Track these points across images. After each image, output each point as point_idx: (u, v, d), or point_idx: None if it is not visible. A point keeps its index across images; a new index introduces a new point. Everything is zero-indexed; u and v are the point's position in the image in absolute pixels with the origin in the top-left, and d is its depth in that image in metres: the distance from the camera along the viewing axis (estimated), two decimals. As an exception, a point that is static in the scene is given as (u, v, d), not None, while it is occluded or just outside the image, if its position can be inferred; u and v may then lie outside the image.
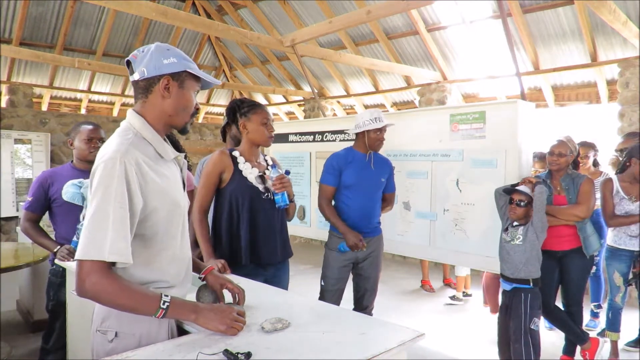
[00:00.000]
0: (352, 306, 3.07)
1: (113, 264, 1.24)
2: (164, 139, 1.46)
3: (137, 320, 1.34)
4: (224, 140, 2.89)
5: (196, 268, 1.66)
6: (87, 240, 1.21)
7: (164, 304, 1.29)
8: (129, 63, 1.41)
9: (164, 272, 1.41)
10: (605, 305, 3.54)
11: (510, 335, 2.71)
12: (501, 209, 2.82)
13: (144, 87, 1.39)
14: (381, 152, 3.11)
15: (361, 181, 2.91)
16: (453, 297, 4.86)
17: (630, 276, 3.25)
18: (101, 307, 1.38)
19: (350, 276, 3.06)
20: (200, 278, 1.65)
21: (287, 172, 2.41)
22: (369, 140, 2.91)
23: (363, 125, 2.89)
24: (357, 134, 2.95)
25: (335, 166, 2.93)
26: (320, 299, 2.95)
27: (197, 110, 1.51)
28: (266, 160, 2.45)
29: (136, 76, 1.37)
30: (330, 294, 2.95)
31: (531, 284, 2.65)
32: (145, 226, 1.33)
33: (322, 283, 3.02)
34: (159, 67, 1.36)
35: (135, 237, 1.31)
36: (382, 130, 2.89)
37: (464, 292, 4.93)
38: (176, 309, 1.32)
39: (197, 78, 1.45)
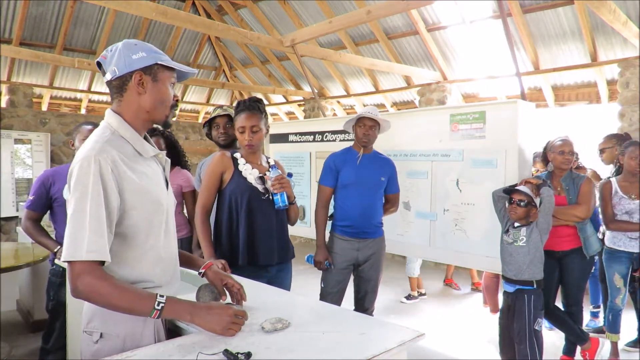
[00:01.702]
0: (353, 307, 3.06)
1: (103, 263, 1.24)
2: (146, 136, 1.45)
3: (121, 321, 1.33)
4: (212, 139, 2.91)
5: (196, 265, 1.66)
6: (69, 241, 1.21)
7: (158, 304, 1.27)
8: (99, 65, 1.39)
9: (149, 273, 1.39)
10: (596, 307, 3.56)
11: (513, 336, 2.71)
12: (500, 211, 2.81)
13: (118, 86, 1.37)
14: (382, 152, 3.11)
15: (359, 180, 2.90)
16: (409, 297, 4.96)
17: (634, 278, 3.25)
18: (88, 307, 1.37)
19: (351, 277, 3.05)
20: (200, 274, 1.64)
21: (290, 175, 2.41)
22: (355, 137, 2.94)
23: (350, 121, 2.92)
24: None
25: (332, 166, 2.94)
26: (320, 300, 2.95)
27: (176, 101, 1.49)
28: (268, 162, 2.44)
29: (108, 76, 1.36)
30: (330, 296, 2.93)
31: (534, 285, 2.65)
32: (126, 225, 1.32)
33: (322, 285, 3.01)
34: (129, 64, 1.34)
35: (118, 236, 1.30)
36: (365, 125, 2.86)
37: (418, 292, 5.04)
38: (172, 308, 1.30)
39: (171, 69, 1.42)
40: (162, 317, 1.30)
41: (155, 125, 2.03)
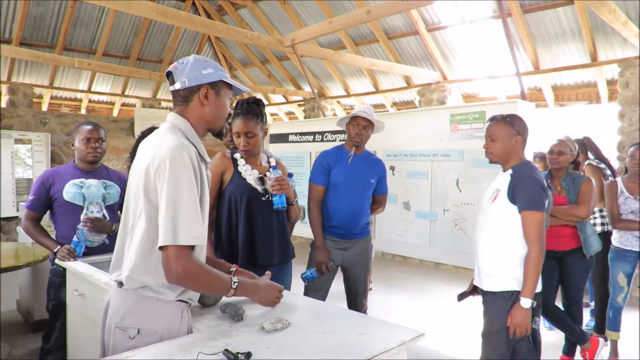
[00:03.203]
0: (346, 307, 3.03)
1: (192, 248, 1.33)
2: None
3: (159, 317, 1.38)
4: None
5: (223, 269, 1.72)
6: (171, 227, 1.28)
7: (234, 284, 1.45)
8: (169, 74, 1.50)
9: None
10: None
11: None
12: None
13: (184, 96, 1.49)
14: (382, 152, 3.10)
15: (349, 181, 2.85)
16: None
17: None
18: (121, 304, 1.40)
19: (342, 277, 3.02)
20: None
21: (290, 175, 2.40)
22: (348, 135, 2.88)
23: (344, 119, 2.88)
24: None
25: (324, 164, 2.88)
26: None
27: (229, 115, 1.58)
28: (269, 162, 2.44)
29: (177, 85, 1.48)
30: (314, 294, 2.78)
31: None
32: None
33: (305, 282, 2.92)
34: (199, 78, 1.47)
35: None
36: (358, 124, 2.80)
37: None
38: (241, 288, 1.49)
39: (229, 85, 1.56)
40: (235, 295, 1.47)
41: None
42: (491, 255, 2.26)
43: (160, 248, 1.30)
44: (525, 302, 2.10)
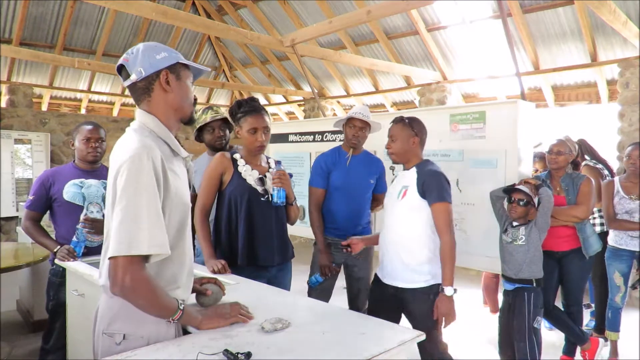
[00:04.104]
0: (347, 306, 3.03)
1: (146, 259, 1.25)
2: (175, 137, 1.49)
3: (146, 322, 1.34)
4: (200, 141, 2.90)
5: None
6: (125, 235, 1.20)
7: (177, 312, 1.34)
8: (120, 69, 1.41)
9: (175, 274, 1.41)
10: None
11: (513, 334, 2.72)
12: (498, 212, 2.82)
13: (144, 87, 1.39)
14: (382, 151, 3.08)
15: (347, 184, 2.84)
16: None
17: (637, 277, 3.27)
18: (108, 309, 1.37)
19: (344, 277, 3.01)
20: None
21: (290, 176, 2.42)
22: (345, 137, 2.88)
23: (341, 121, 2.87)
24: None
25: (323, 167, 2.87)
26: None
27: (195, 100, 1.53)
28: (268, 163, 2.45)
29: (134, 77, 1.37)
30: (318, 295, 2.78)
31: (534, 283, 2.66)
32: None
33: (313, 287, 2.92)
34: (155, 64, 1.37)
35: None
36: (355, 126, 2.80)
37: None
38: (187, 315, 1.39)
39: (187, 67, 1.47)
40: (179, 321, 1.37)
41: None
42: (405, 252, 2.27)
43: (110, 257, 1.22)
44: (449, 290, 2.14)
